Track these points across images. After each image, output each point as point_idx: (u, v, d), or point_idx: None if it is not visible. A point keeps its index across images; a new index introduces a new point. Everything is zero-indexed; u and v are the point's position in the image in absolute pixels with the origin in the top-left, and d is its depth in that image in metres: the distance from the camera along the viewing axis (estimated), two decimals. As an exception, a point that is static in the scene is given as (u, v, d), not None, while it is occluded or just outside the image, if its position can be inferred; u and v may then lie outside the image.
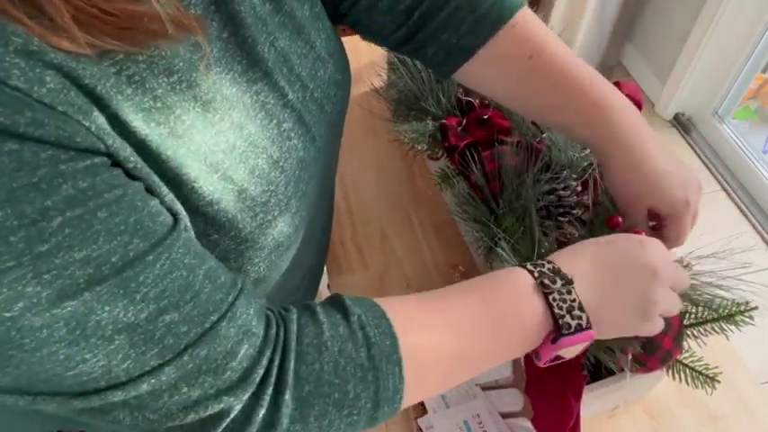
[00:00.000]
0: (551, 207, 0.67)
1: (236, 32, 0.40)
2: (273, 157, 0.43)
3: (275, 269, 0.47)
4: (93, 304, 0.30)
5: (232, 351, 0.35)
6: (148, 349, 0.32)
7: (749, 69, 2.02)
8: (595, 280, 0.46)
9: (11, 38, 0.27)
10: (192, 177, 0.37)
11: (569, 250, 0.49)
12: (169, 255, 0.33)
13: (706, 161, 2.13)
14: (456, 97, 0.81)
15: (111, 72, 0.32)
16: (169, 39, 0.33)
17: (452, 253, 0.83)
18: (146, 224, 0.32)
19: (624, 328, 0.48)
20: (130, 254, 0.31)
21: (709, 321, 0.59)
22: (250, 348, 0.36)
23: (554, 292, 0.45)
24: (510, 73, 0.56)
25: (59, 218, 0.28)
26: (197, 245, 0.37)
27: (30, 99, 0.27)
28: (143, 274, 0.31)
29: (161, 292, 0.32)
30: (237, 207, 0.40)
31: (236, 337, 0.35)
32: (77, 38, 0.28)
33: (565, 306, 0.44)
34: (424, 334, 0.42)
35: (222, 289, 0.36)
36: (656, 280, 0.46)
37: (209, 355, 0.34)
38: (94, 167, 0.30)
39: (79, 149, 0.29)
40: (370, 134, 0.99)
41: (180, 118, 0.36)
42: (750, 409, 0.69)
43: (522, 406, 0.68)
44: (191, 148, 0.37)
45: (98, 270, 0.30)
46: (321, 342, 0.39)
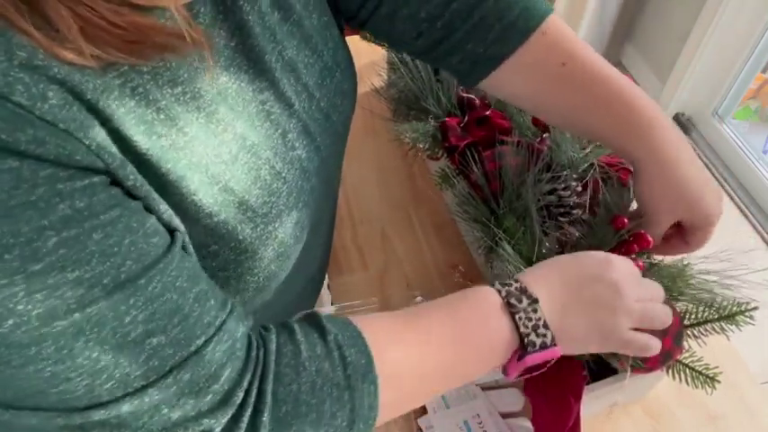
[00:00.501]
0: (552, 207, 0.67)
1: (243, 41, 0.40)
2: (276, 168, 0.43)
3: (276, 278, 0.47)
4: (82, 325, 0.30)
5: (215, 374, 0.35)
6: (133, 371, 0.32)
7: (749, 69, 2.02)
8: (560, 298, 0.47)
9: (15, 51, 0.27)
10: (192, 190, 0.37)
11: (537, 268, 0.50)
12: (161, 278, 0.33)
13: (706, 161, 2.13)
14: (456, 97, 0.81)
15: (116, 84, 0.32)
16: (175, 52, 0.33)
17: (452, 253, 0.83)
18: (140, 246, 0.32)
19: (586, 344, 0.49)
20: (122, 276, 0.31)
21: (710, 321, 0.59)
22: (233, 372, 0.36)
23: (520, 311, 0.46)
24: (541, 80, 0.55)
25: (55, 238, 0.28)
26: (191, 265, 0.36)
27: (32, 116, 0.27)
28: (134, 296, 0.31)
29: (150, 314, 0.32)
30: (238, 218, 0.40)
31: (221, 361, 0.35)
32: (83, 50, 0.28)
33: (530, 324, 0.46)
34: (398, 352, 0.43)
35: (211, 312, 0.36)
36: (619, 298, 0.47)
37: (193, 377, 0.34)
38: (92, 187, 0.30)
39: (78, 168, 0.30)
40: (370, 134, 0.99)
41: (182, 130, 0.36)
42: (750, 409, 0.69)
43: (522, 406, 0.68)
44: (192, 160, 0.37)
45: (89, 291, 0.30)
46: (299, 362, 0.39)
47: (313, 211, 0.50)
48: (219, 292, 0.38)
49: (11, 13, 0.26)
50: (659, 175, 0.54)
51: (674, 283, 0.60)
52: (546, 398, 0.63)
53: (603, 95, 0.54)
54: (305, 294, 0.64)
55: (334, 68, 0.50)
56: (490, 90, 0.59)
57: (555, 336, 0.46)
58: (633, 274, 0.50)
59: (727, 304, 0.58)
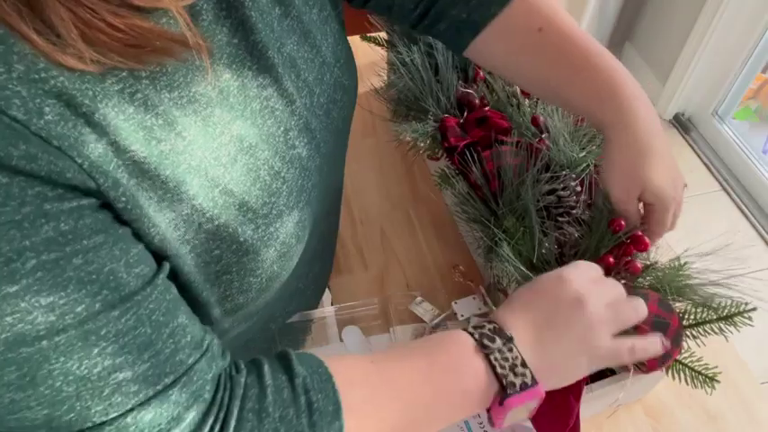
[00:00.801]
0: (551, 207, 0.67)
1: (246, 38, 0.40)
2: (275, 168, 0.43)
3: (278, 278, 0.47)
4: (48, 353, 0.29)
5: (178, 417, 0.34)
6: (94, 405, 0.31)
7: (749, 69, 2.02)
8: (532, 332, 0.45)
9: (14, 64, 0.27)
10: (192, 194, 0.36)
11: (506, 304, 0.48)
12: (137, 310, 0.32)
13: (706, 161, 2.13)
14: (456, 97, 0.81)
15: (115, 90, 0.32)
16: (175, 56, 0.33)
17: (452, 253, 0.83)
18: (119, 276, 0.31)
19: (574, 371, 0.47)
20: (97, 305, 0.30)
21: (709, 322, 0.59)
22: (197, 416, 0.35)
23: (494, 351, 0.44)
24: (520, 47, 0.56)
25: (34, 260, 0.27)
26: (172, 297, 0.36)
27: (27, 131, 0.27)
28: (105, 328, 0.30)
29: (120, 348, 0.31)
30: (239, 220, 0.40)
31: (186, 403, 0.34)
32: (84, 54, 0.28)
33: (507, 365, 0.43)
34: (368, 401, 0.42)
35: (185, 350, 0.35)
36: (584, 308, 0.45)
37: (155, 419, 0.33)
38: (80, 210, 0.30)
39: (68, 186, 0.29)
40: (370, 134, 0.99)
41: (181, 134, 0.36)
42: (750, 409, 0.69)
43: (522, 406, 0.68)
44: (192, 164, 0.36)
45: (61, 318, 0.29)
46: (263, 407, 0.37)
47: (315, 210, 0.50)
48: (198, 328, 0.37)
49: (13, 17, 0.26)
50: (622, 144, 0.54)
51: (671, 283, 0.60)
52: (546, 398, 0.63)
53: (578, 62, 0.54)
54: (308, 294, 0.64)
55: (333, 63, 0.50)
56: (476, 59, 0.60)
57: (536, 374, 0.44)
58: (592, 279, 0.48)
59: (725, 305, 0.58)
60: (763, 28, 1.88)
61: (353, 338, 0.74)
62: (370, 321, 0.76)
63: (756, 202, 1.98)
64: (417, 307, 0.77)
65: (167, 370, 0.33)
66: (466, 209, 0.71)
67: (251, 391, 0.38)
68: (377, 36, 0.99)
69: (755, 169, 1.99)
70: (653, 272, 0.60)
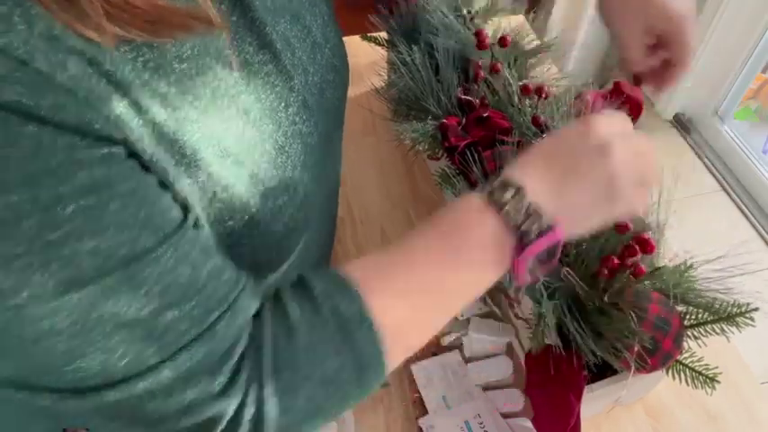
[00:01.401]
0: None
1: (244, 15, 0.41)
2: (279, 142, 0.43)
3: (287, 254, 0.47)
4: (97, 297, 0.29)
5: (229, 352, 0.35)
6: (148, 346, 0.31)
7: (749, 69, 2.02)
8: (549, 178, 0.43)
9: (35, 20, 0.27)
10: (207, 162, 0.37)
11: (520, 159, 0.46)
12: (175, 250, 0.33)
13: (706, 161, 2.13)
14: (456, 97, 0.81)
15: (129, 58, 0.32)
16: (193, 31, 0.33)
17: (453, 253, 0.83)
18: (155, 219, 0.32)
19: (595, 216, 0.45)
20: (138, 248, 0.31)
21: (710, 323, 0.59)
22: (242, 350, 0.36)
23: (506, 203, 0.42)
24: None
25: (72, 205, 0.28)
26: (205, 240, 0.37)
27: (53, 82, 0.27)
28: (149, 268, 0.31)
29: (165, 288, 0.32)
30: (250, 192, 0.40)
31: (234, 338, 0.35)
32: (104, 29, 0.29)
33: (520, 214, 0.42)
34: (390, 289, 0.41)
35: (225, 287, 0.36)
36: (610, 155, 0.43)
37: (207, 355, 0.33)
38: (111, 157, 0.30)
39: (97, 137, 0.29)
40: (370, 134, 0.99)
41: (193, 104, 0.36)
42: (750, 409, 0.69)
43: (523, 406, 0.68)
44: (205, 133, 0.37)
45: (105, 262, 0.29)
46: (289, 326, 0.38)
47: (317, 190, 0.50)
48: (233, 268, 0.38)
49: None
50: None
51: (676, 286, 0.60)
52: (546, 398, 0.63)
53: None
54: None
55: (324, 44, 0.50)
56: None
57: (554, 218, 0.42)
58: (622, 128, 0.46)
59: (727, 305, 0.58)
60: (763, 28, 1.88)
61: (354, 338, 0.74)
62: (371, 321, 0.76)
63: (756, 202, 1.98)
64: (418, 307, 0.77)
65: (211, 307, 0.34)
66: (466, 209, 0.71)
67: (275, 317, 0.39)
68: (377, 36, 0.99)
69: (755, 169, 1.99)
70: (658, 275, 0.60)
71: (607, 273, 0.58)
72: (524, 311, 0.68)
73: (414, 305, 0.42)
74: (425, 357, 0.72)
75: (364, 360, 0.39)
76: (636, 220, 0.60)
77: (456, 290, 0.44)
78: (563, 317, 0.59)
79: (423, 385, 0.70)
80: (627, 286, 0.59)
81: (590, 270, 0.60)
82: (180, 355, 0.32)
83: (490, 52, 0.81)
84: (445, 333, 0.74)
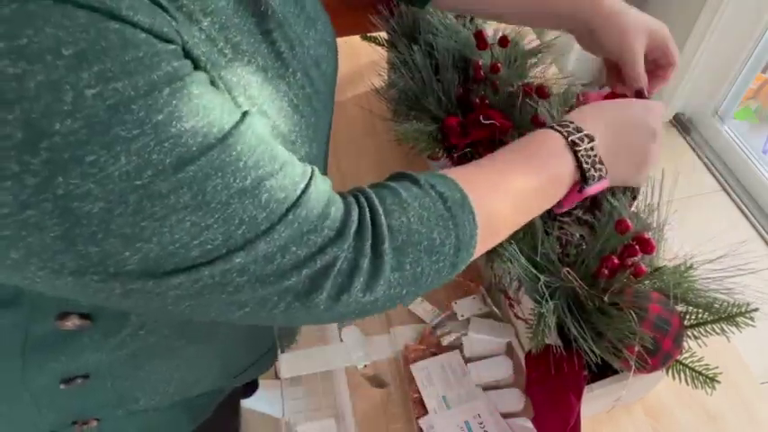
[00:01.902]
0: (552, 207, 0.67)
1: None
2: (294, 101, 0.46)
3: None
4: (207, 170, 0.33)
5: (324, 213, 0.39)
6: (258, 213, 0.35)
7: (749, 69, 2.02)
8: (609, 138, 0.54)
9: None
10: (239, 103, 0.39)
11: (587, 112, 0.56)
12: (252, 130, 0.36)
13: (706, 161, 2.13)
14: (456, 97, 0.81)
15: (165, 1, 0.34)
16: None
17: (453, 253, 0.83)
18: (228, 104, 0.35)
19: (625, 178, 0.57)
20: (225, 126, 0.34)
21: (710, 323, 0.59)
22: (338, 211, 0.40)
23: (582, 149, 0.52)
24: None
25: (167, 89, 0.30)
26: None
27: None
28: (239, 143, 0.34)
29: (256, 161, 0.35)
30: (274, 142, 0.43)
31: (324, 201, 0.39)
32: None
33: (590, 160, 0.52)
34: (485, 188, 0.48)
35: (298, 163, 0.40)
36: (654, 141, 0.56)
37: (308, 215, 0.38)
38: (180, 52, 0.33)
39: (167, 39, 0.32)
40: (370, 134, 0.99)
41: (222, 51, 0.38)
42: (750, 409, 0.69)
43: (523, 406, 0.68)
44: (238, 81, 0.39)
45: (205, 138, 0.32)
46: (402, 200, 0.43)
47: (323, 154, 0.54)
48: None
49: None
50: (617, 17, 0.64)
51: (676, 286, 0.60)
52: (547, 397, 0.63)
53: None
54: None
55: (315, 20, 0.52)
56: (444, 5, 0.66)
57: (607, 172, 0.53)
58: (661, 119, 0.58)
59: (726, 305, 0.58)
60: (763, 28, 1.88)
61: (353, 338, 0.74)
62: (370, 321, 0.76)
63: (756, 202, 1.98)
64: (417, 307, 0.77)
65: (297, 178, 0.38)
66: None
67: (383, 193, 0.44)
68: (377, 36, 0.99)
69: (755, 169, 1.99)
70: (658, 275, 0.60)
71: (607, 273, 0.58)
72: (524, 311, 0.68)
73: (502, 202, 0.49)
74: (425, 357, 0.72)
75: (463, 240, 0.45)
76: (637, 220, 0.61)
77: (535, 203, 0.52)
78: (563, 317, 0.59)
79: (423, 385, 0.70)
80: (627, 286, 0.59)
81: (590, 270, 0.60)
82: (286, 217, 0.37)
83: (490, 52, 0.81)
84: (445, 333, 0.74)
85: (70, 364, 0.51)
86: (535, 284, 0.60)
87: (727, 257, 0.59)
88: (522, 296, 0.68)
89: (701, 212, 1.95)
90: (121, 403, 0.58)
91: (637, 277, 0.58)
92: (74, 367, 0.51)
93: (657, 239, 0.61)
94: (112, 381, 0.55)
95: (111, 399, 0.57)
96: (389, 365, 0.73)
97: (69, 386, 0.52)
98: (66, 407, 0.56)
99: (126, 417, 0.60)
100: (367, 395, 0.70)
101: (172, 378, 0.60)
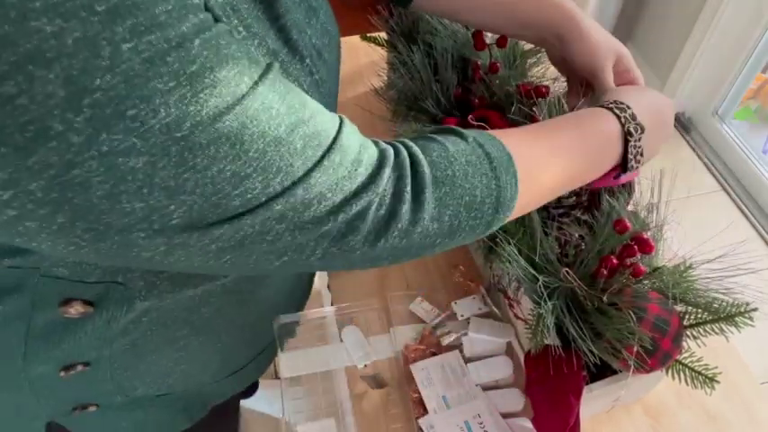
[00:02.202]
0: (551, 208, 0.67)
1: None
2: (303, 87, 0.46)
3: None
4: (243, 119, 0.33)
5: (357, 159, 0.39)
6: (294, 161, 0.36)
7: (749, 69, 2.02)
8: (647, 122, 0.56)
9: None
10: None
11: (633, 95, 0.58)
12: (279, 79, 0.36)
13: (706, 161, 2.13)
14: (455, 97, 0.81)
15: None
16: None
17: (452, 253, 0.83)
18: (253, 55, 0.35)
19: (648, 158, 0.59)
20: (254, 75, 0.34)
21: (709, 322, 0.59)
22: (371, 157, 0.40)
23: (633, 141, 0.54)
24: None
25: (197, 40, 0.31)
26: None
27: None
28: (269, 91, 0.35)
29: (288, 108, 0.36)
30: None
31: (356, 148, 0.40)
32: None
33: (635, 152, 0.55)
34: (530, 154, 0.48)
35: (327, 113, 0.40)
36: (670, 131, 0.62)
37: (342, 160, 0.38)
38: (202, 6, 0.33)
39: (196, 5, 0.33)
40: (370, 134, 0.99)
41: (237, 29, 0.39)
42: (750, 409, 0.69)
43: (523, 406, 0.68)
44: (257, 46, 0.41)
45: (237, 87, 0.33)
46: (449, 155, 0.44)
47: None
48: None
49: None
50: (589, 32, 0.65)
51: (675, 286, 0.60)
52: (546, 397, 0.63)
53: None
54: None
55: (318, 9, 0.53)
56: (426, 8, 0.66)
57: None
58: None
59: (726, 305, 0.58)
60: (763, 28, 1.88)
61: (353, 338, 0.74)
62: (370, 321, 0.76)
63: (756, 202, 1.98)
64: (417, 307, 0.77)
65: (328, 126, 0.39)
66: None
67: (429, 146, 0.44)
68: (377, 36, 0.99)
69: (755, 169, 1.99)
70: (657, 275, 0.60)
71: (606, 273, 0.58)
72: (524, 311, 0.68)
73: (544, 173, 0.49)
74: (425, 357, 0.72)
75: (503, 201, 0.45)
76: (636, 220, 0.61)
77: (571, 184, 0.53)
78: (562, 317, 0.59)
79: (423, 385, 0.70)
80: (626, 286, 0.59)
81: (589, 270, 0.60)
82: (321, 162, 0.37)
83: (488, 52, 0.81)
84: (445, 333, 0.74)
85: (71, 351, 0.51)
86: (534, 285, 0.60)
87: (727, 257, 0.59)
88: (521, 296, 0.68)
89: (700, 212, 1.95)
90: (120, 391, 0.58)
91: (636, 277, 0.58)
92: (75, 355, 0.52)
93: (656, 239, 0.61)
94: (112, 371, 0.55)
95: (110, 387, 0.57)
96: (389, 365, 0.73)
97: (69, 374, 0.52)
98: (65, 395, 0.56)
99: (124, 404, 0.60)
100: (367, 395, 0.71)
101: (172, 371, 0.60)
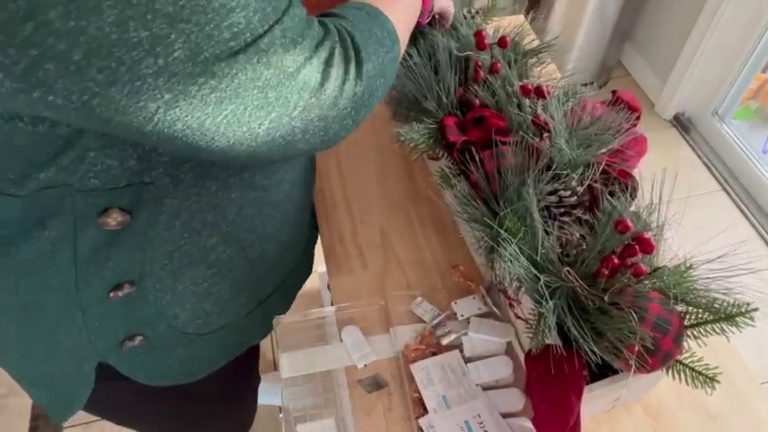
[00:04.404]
0: (552, 207, 0.67)
1: None
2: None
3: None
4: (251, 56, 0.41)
5: (309, 19, 0.48)
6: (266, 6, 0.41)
7: (749, 69, 2.02)
8: None
9: None
10: None
11: None
12: None
13: (706, 161, 2.13)
14: (456, 97, 0.81)
15: None
16: None
17: (452, 253, 0.83)
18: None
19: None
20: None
21: (710, 322, 0.59)
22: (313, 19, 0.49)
23: None
24: None
25: None
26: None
27: None
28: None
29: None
30: None
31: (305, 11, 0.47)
32: None
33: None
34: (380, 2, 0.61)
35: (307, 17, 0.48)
36: None
37: (301, 14, 0.46)
38: None
39: None
40: (370, 134, 0.99)
41: None
42: (750, 409, 0.69)
43: (523, 406, 0.68)
44: None
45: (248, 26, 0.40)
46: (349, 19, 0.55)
47: None
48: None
49: None
50: None
51: (676, 286, 0.60)
52: (546, 397, 0.63)
53: None
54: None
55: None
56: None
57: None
58: None
59: (726, 305, 0.58)
60: (763, 28, 1.88)
61: (353, 338, 0.74)
62: (370, 321, 0.76)
63: (756, 202, 1.98)
64: (417, 307, 0.77)
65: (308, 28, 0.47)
66: (466, 209, 0.71)
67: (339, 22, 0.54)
68: (377, 36, 0.99)
69: (755, 169, 1.99)
70: (658, 275, 0.60)
71: (607, 273, 0.58)
72: (524, 311, 0.68)
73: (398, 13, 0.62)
74: (425, 357, 0.72)
75: (390, 34, 0.58)
76: (637, 220, 0.61)
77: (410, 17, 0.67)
78: (563, 317, 0.59)
79: (423, 385, 0.70)
80: (627, 286, 0.59)
81: (590, 270, 0.60)
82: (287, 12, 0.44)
83: (490, 52, 0.81)
84: (445, 333, 0.74)
85: (117, 269, 0.56)
86: (535, 284, 0.60)
87: (727, 257, 0.59)
88: (522, 296, 0.68)
89: (700, 212, 1.95)
90: (162, 318, 0.62)
91: (637, 277, 0.58)
92: (120, 273, 0.57)
93: (657, 239, 0.61)
94: (154, 293, 0.60)
95: (153, 314, 0.62)
96: (389, 365, 0.73)
97: (117, 295, 0.57)
98: (114, 324, 0.60)
99: (168, 339, 0.65)
100: (367, 395, 0.71)
101: (207, 294, 0.65)
